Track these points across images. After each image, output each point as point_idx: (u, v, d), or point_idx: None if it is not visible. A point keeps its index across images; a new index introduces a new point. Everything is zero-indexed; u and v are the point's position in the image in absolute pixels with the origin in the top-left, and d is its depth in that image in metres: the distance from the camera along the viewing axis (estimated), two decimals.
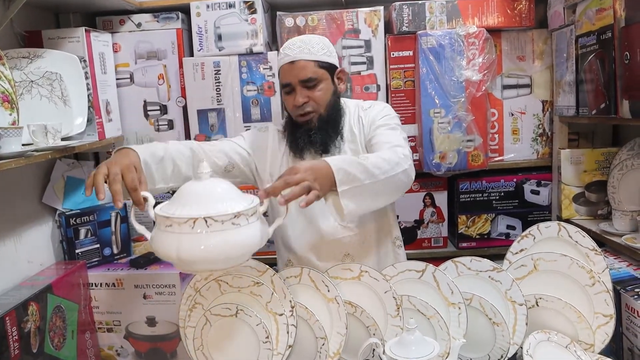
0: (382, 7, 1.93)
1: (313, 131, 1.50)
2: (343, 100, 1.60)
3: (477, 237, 2.04)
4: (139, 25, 1.98)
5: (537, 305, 1.31)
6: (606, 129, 2.00)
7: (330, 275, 1.34)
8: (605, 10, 1.48)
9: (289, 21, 1.93)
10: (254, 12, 1.91)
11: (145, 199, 1.14)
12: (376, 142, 1.45)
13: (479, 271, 1.34)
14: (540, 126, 2.00)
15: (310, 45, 1.48)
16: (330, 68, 1.51)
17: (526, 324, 1.27)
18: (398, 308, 1.29)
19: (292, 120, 1.55)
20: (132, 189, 1.15)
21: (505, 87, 1.99)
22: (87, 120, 1.73)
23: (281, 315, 1.27)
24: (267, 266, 1.33)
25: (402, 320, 1.28)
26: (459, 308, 1.28)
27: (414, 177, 1.38)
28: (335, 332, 1.27)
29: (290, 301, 1.28)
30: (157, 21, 1.97)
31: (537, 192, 2.01)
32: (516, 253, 1.39)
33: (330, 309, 1.29)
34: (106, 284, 1.76)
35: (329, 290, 1.30)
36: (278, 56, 1.55)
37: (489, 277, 1.33)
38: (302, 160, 1.52)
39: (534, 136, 2.01)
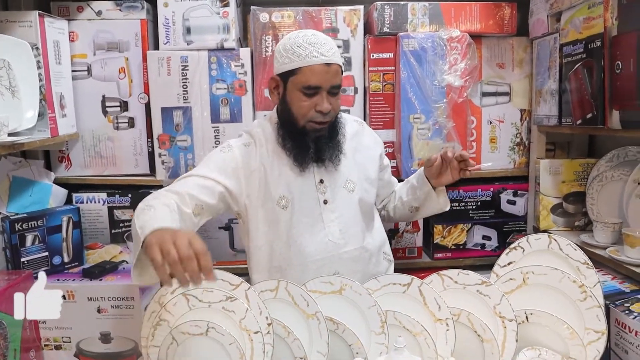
0: (362, 7, 1.85)
1: (323, 140, 1.40)
2: None
3: (453, 247, 1.98)
4: (99, 13, 1.82)
5: (527, 320, 1.26)
6: (583, 140, 1.98)
7: (308, 289, 1.25)
8: (593, 19, 1.45)
9: (263, 17, 1.82)
10: (227, 4, 1.79)
11: None
12: (389, 182, 1.67)
13: (466, 285, 1.28)
14: (518, 135, 1.97)
15: (335, 48, 1.37)
16: None
17: (516, 340, 1.21)
18: (383, 324, 1.21)
19: (292, 127, 1.40)
20: (203, 254, 1.00)
21: (485, 94, 1.94)
22: (39, 115, 1.59)
23: (256, 333, 1.18)
24: (241, 279, 1.22)
25: (387, 337, 1.20)
26: (447, 324, 1.22)
27: None
28: (315, 351, 1.19)
29: (267, 318, 1.18)
30: (120, 10, 1.82)
31: (513, 202, 1.98)
32: (504, 266, 1.33)
33: (310, 325, 1.21)
34: None
35: (308, 305, 1.21)
36: (301, 51, 1.32)
37: (477, 291, 1.27)
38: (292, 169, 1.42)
39: (511, 145, 1.98)
